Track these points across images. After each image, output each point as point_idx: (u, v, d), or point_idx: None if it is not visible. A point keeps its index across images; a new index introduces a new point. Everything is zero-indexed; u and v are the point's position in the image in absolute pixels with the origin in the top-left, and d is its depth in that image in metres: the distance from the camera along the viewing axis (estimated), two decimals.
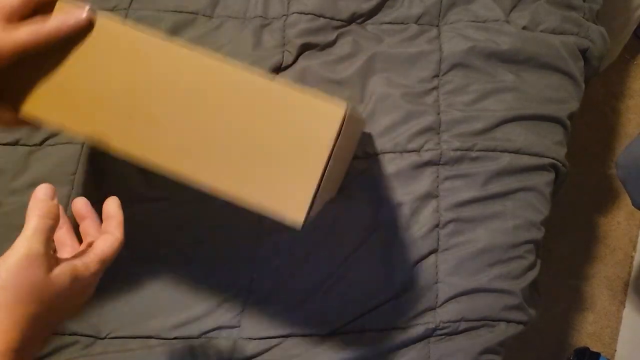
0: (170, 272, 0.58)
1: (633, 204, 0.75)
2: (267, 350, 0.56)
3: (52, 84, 0.40)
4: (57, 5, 0.40)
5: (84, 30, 0.40)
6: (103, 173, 0.60)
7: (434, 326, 0.58)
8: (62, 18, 0.39)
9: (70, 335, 0.56)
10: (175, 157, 0.39)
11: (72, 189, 0.60)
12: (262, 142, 0.38)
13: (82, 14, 0.39)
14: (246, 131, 0.38)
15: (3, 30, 0.37)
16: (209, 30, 0.65)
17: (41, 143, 0.61)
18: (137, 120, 0.39)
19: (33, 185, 0.59)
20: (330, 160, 0.38)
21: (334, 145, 0.38)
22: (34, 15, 0.39)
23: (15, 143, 0.61)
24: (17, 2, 0.38)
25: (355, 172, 0.62)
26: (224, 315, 0.57)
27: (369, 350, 0.56)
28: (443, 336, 0.58)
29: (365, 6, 0.67)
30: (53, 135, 0.61)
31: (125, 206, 0.58)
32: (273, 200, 0.38)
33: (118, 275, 0.57)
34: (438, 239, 0.61)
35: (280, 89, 0.38)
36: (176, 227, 0.59)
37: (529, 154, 0.64)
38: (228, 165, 0.38)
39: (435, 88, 0.66)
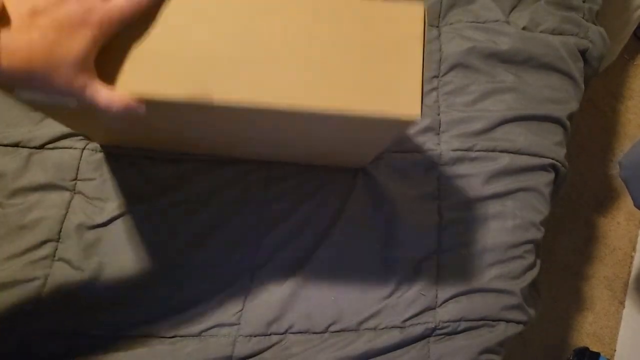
0: (170, 270, 0.58)
1: (635, 205, 0.75)
2: (266, 349, 0.57)
3: (143, 53, 0.38)
4: None
5: None
6: (103, 175, 0.60)
7: (433, 326, 0.58)
8: None
9: (70, 335, 0.56)
10: (283, 93, 0.38)
11: (73, 193, 0.60)
12: (359, 55, 0.39)
13: None
14: (339, 48, 0.39)
15: (104, 2, 0.36)
16: None
17: (41, 147, 0.61)
18: (232, 68, 0.38)
19: (33, 187, 0.59)
20: (424, 51, 0.39)
21: (424, 35, 0.39)
22: None
23: (15, 145, 0.61)
24: None
25: (355, 172, 0.62)
26: (224, 313, 0.57)
27: (368, 350, 0.57)
28: (443, 336, 0.58)
29: None
30: (53, 139, 0.62)
31: (125, 206, 0.59)
32: (387, 104, 0.38)
33: (118, 274, 0.57)
34: (438, 238, 0.61)
35: (361, 2, 0.39)
36: (176, 226, 0.59)
37: (529, 154, 0.64)
38: (334, 86, 0.38)
39: (435, 88, 0.66)
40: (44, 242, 0.57)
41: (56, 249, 0.57)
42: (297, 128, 0.45)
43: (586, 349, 1.05)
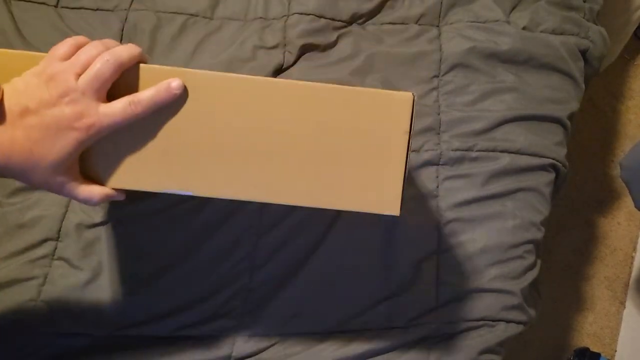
0: (169, 270, 0.58)
1: (635, 206, 0.75)
2: (266, 349, 0.57)
3: (122, 149, 0.40)
4: (142, 72, 0.39)
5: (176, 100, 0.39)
6: None
7: (433, 326, 0.58)
8: (155, 93, 0.38)
9: (69, 334, 0.56)
10: (262, 187, 0.40)
11: None
12: (340, 146, 0.39)
13: (175, 88, 0.38)
14: (321, 141, 0.39)
15: (97, 108, 0.36)
16: (209, 31, 0.65)
17: None
18: (213, 161, 0.40)
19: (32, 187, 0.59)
20: (409, 146, 0.39)
21: (410, 129, 0.39)
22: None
23: None
24: (107, 75, 0.36)
25: None
26: (223, 313, 0.57)
27: (368, 350, 0.56)
28: (443, 336, 0.58)
29: (366, 6, 0.67)
30: None
31: (125, 206, 0.59)
32: (367, 200, 0.40)
33: (117, 274, 0.57)
34: (438, 239, 0.61)
35: (346, 89, 0.39)
36: (176, 225, 0.59)
37: (529, 154, 0.64)
38: (315, 181, 0.40)
39: (435, 88, 0.66)
40: (43, 241, 0.57)
41: (55, 248, 0.57)
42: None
43: (586, 349, 1.05)
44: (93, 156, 0.40)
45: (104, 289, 0.57)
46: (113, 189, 0.41)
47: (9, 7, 0.64)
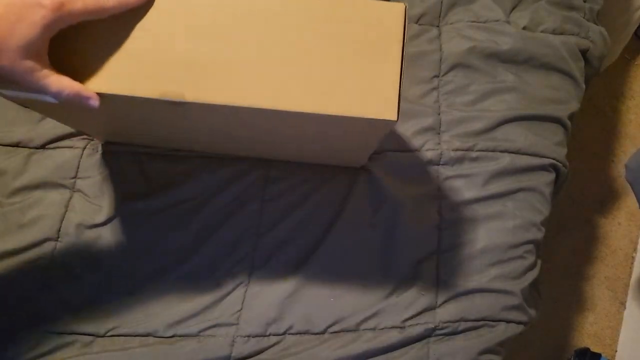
0: (169, 270, 0.58)
1: None
2: (265, 349, 0.56)
3: (114, 53, 0.38)
4: None
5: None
6: (103, 174, 0.60)
7: (433, 326, 0.58)
8: None
9: (69, 334, 0.56)
10: (255, 94, 0.38)
11: (73, 192, 0.60)
12: (336, 54, 0.39)
13: None
14: (317, 47, 0.39)
15: None
16: None
17: (42, 146, 0.61)
18: (208, 67, 0.38)
19: (33, 186, 0.59)
20: (403, 53, 0.39)
21: (404, 38, 0.39)
22: None
23: (16, 145, 0.61)
24: None
25: (355, 171, 0.62)
26: (223, 313, 0.57)
27: (368, 350, 0.56)
28: (443, 336, 0.58)
29: None
30: (54, 139, 0.62)
31: (124, 205, 0.59)
32: (363, 106, 0.38)
33: (117, 274, 0.57)
34: (438, 239, 0.61)
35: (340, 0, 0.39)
36: (175, 226, 0.59)
37: (529, 154, 0.64)
38: (311, 86, 0.38)
39: (435, 88, 0.66)
40: (43, 241, 0.57)
41: (55, 248, 0.57)
42: (278, 127, 0.45)
43: (587, 349, 1.05)
44: (73, 54, 0.37)
45: (102, 289, 0.57)
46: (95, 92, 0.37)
47: None
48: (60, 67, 0.36)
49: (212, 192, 0.60)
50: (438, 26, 0.69)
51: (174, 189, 0.60)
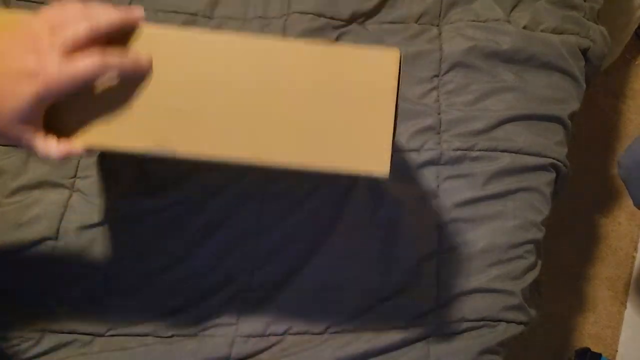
0: (169, 269, 0.58)
1: (634, 204, 0.75)
2: (265, 349, 0.56)
3: (101, 106, 0.38)
4: (137, 33, 0.38)
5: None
6: (102, 174, 0.60)
7: (433, 326, 0.58)
8: (119, 63, 0.37)
9: (68, 333, 0.56)
10: (246, 146, 0.38)
11: (72, 191, 0.60)
12: (328, 104, 0.38)
13: (143, 65, 0.38)
14: (308, 100, 0.38)
15: (61, 64, 0.35)
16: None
17: None
18: (198, 119, 0.38)
19: (32, 185, 0.59)
20: (397, 104, 0.38)
21: (398, 85, 0.38)
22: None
23: (15, 145, 0.61)
24: (82, 34, 0.36)
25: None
26: (222, 313, 0.57)
27: (368, 350, 0.56)
28: (443, 336, 0.58)
29: (366, 6, 0.67)
30: None
31: (124, 205, 0.59)
32: (355, 160, 0.38)
33: (116, 273, 0.57)
34: (438, 239, 0.61)
35: (332, 48, 0.38)
36: (175, 225, 0.59)
37: (530, 154, 0.64)
38: (302, 138, 0.38)
39: (435, 88, 0.66)
40: (42, 240, 0.57)
41: (54, 247, 0.57)
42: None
43: (587, 349, 1.05)
44: (66, 112, 0.38)
45: (102, 289, 0.57)
46: (86, 148, 0.39)
47: (9, 7, 0.64)
48: (50, 119, 0.38)
49: (213, 192, 0.60)
50: (438, 25, 0.69)
51: (174, 189, 0.60)
